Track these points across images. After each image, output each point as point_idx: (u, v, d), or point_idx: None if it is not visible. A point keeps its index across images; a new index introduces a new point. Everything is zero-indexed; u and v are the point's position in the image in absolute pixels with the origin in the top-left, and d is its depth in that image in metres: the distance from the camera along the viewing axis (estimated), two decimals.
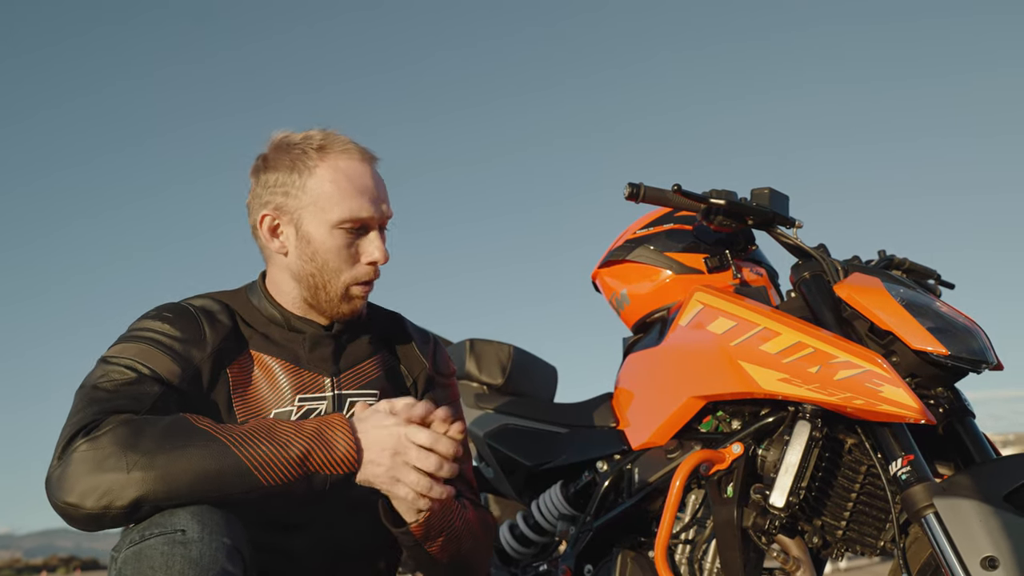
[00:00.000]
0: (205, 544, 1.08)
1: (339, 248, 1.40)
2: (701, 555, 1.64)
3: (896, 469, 1.43)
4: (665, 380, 1.78)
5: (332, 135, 1.45)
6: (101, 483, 1.11)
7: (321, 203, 1.39)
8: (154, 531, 1.09)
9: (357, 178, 1.41)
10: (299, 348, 1.43)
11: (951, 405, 1.57)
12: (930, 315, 1.52)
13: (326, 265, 1.41)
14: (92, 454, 1.12)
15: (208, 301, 1.44)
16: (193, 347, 1.34)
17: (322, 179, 1.40)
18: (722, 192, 1.68)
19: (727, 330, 1.63)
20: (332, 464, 1.19)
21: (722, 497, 1.58)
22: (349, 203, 1.39)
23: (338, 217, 1.39)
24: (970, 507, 1.33)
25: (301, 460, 1.17)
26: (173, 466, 1.12)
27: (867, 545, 1.55)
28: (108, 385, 1.24)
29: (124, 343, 1.33)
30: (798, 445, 1.50)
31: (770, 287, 1.93)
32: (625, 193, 1.67)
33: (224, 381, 1.36)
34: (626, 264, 2.02)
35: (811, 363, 1.49)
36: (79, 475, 1.12)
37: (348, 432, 1.21)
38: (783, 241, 1.75)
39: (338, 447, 1.19)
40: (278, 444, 1.17)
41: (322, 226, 1.40)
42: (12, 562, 30.95)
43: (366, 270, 1.43)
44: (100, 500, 1.10)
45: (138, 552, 1.07)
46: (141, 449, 1.12)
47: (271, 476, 1.16)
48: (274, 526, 1.34)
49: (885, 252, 1.99)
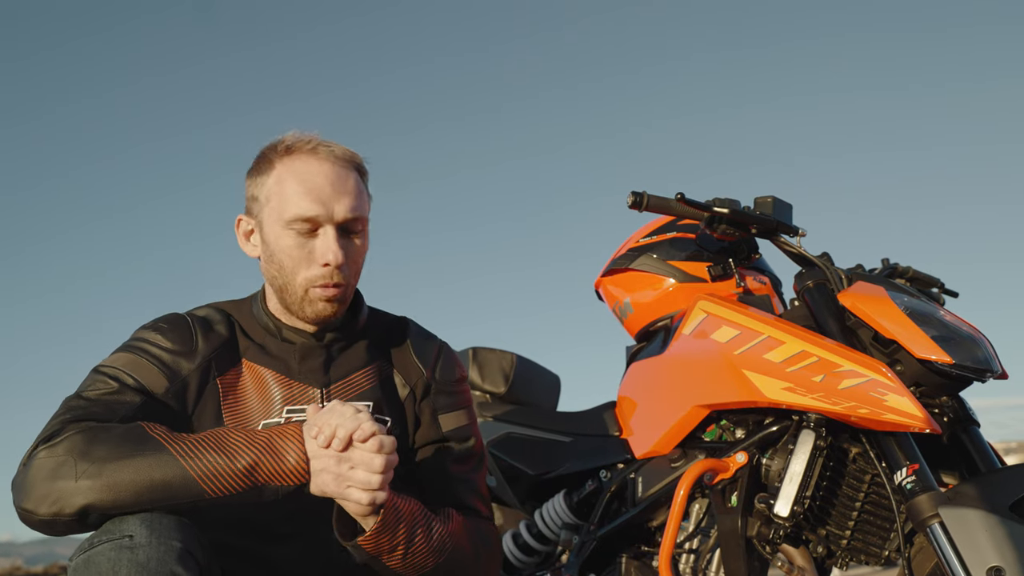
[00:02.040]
0: (153, 548, 1.08)
1: (291, 248, 1.37)
2: (705, 565, 1.63)
3: (901, 478, 1.42)
4: (669, 389, 1.78)
5: (306, 137, 1.42)
6: (52, 490, 1.13)
7: (273, 203, 1.39)
8: (103, 538, 1.10)
9: (311, 177, 1.38)
10: (290, 359, 1.42)
11: (956, 414, 1.57)
12: (934, 324, 1.51)
13: (283, 266, 1.39)
14: (48, 461, 1.15)
15: (210, 311, 1.45)
16: (183, 358, 1.36)
17: (277, 179, 1.39)
18: (725, 201, 1.68)
19: (731, 339, 1.63)
20: (282, 475, 1.18)
21: (726, 506, 1.58)
22: (297, 202, 1.36)
23: (288, 216, 1.37)
24: (976, 517, 1.33)
25: (248, 471, 1.17)
26: (119, 475, 1.13)
27: (871, 555, 1.55)
28: (89, 395, 1.28)
29: (118, 353, 1.36)
30: (802, 454, 1.50)
31: (774, 296, 1.93)
32: (628, 202, 1.67)
33: (213, 391, 1.37)
34: (629, 273, 2.02)
35: (815, 372, 1.49)
36: (34, 482, 1.15)
37: (300, 443, 1.19)
38: (786, 250, 1.74)
39: (288, 458, 1.18)
40: (226, 455, 1.16)
41: (275, 226, 1.38)
42: (13, 569, 30.91)
43: (321, 271, 1.37)
44: (51, 507, 1.13)
45: (87, 560, 1.09)
46: (91, 457, 1.14)
47: (216, 487, 1.16)
48: (260, 536, 1.34)
49: (889, 261, 1.99)
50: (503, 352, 2.30)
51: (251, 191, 1.43)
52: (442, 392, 1.52)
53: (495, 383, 2.26)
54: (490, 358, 2.28)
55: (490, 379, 2.26)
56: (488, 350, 2.30)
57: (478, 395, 2.27)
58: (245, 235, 1.45)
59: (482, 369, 2.27)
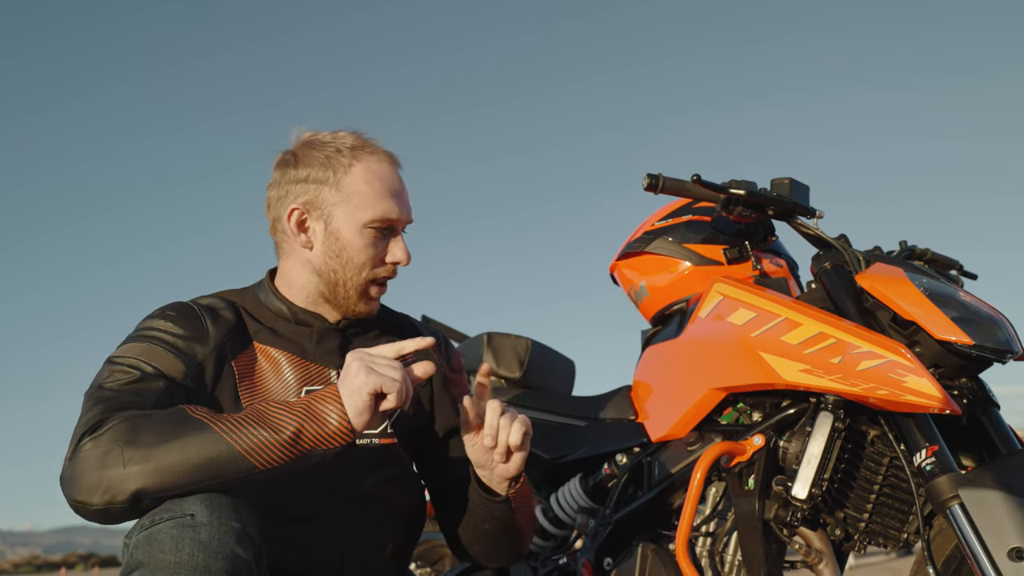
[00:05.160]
0: (214, 528, 1.09)
1: (365, 247, 1.44)
2: (722, 548, 1.63)
3: (920, 460, 1.41)
4: (685, 372, 1.77)
5: (361, 137, 1.48)
6: (103, 480, 1.14)
7: (355, 201, 1.43)
8: (164, 516, 1.11)
9: (389, 180, 1.46)
10: (305, 341, 1.45)
11: (975, 396, 1.55)
12: (954, 305, 1.50)
13: (351, 262, 1.44)
14: (94, 452, 1.16)
15: (213, 299, 1.46)
16: (196, 343, 1.36)
17: (357, 178, 1.44)
18: (741, 182, 1.67)
19: (747, 321, 1.62)
20: (327, 438, 1.19)
21: (743, 489, 1.57)
22: (382, 204, 1.44)
23: (370, 217, 1.43)
24: (996, 498, 1.32)
25: (294, 440, 1.17)
26: (167, 457, 1.14)
27: (890, 538, 1.54)
28: (113, 385, 1.28)
29: (129, 343, 1.36)
30: (820, 436, 1.49)
31: (790, 278, 1.91)
32: (644, 184, 1.66)
33: (229, 374, 1.38)
34: (645, 256, 2.01)
35: (833, 353, 1.48)
36: (84, 473, 1.15)
37: (339, 403, 1.20)
38: (803, 231, 1.73)
39: (331, 420, 1.19)
40: (270, 427, 1.17)
41: (352, 224, 1.43)
42: (32, 559, 31.24)
43: (387, 269, 1.47)
44: (104, 496, 1.14)
45: (148, 536, 1.10)
46: (137, 443, 1.15)
47: (265, 459, 1.16)
48: (284, 518, 1.36)
49: (907, 243, 1.97)
50: (518, 337, 2.30)
51: (312, 183, 1.45)
52: (454, 383, 1.59)
53: (510, 368, 2.26)
54: (505, 343, 2.28)
55: (505, 364, 2.26)
56: (503, 335, 2.30)
57: (493, 380, 2.27)
58: (298, 225, 1.46)
59: (497, 354, 2.27)
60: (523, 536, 1.52)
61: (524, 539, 1.54)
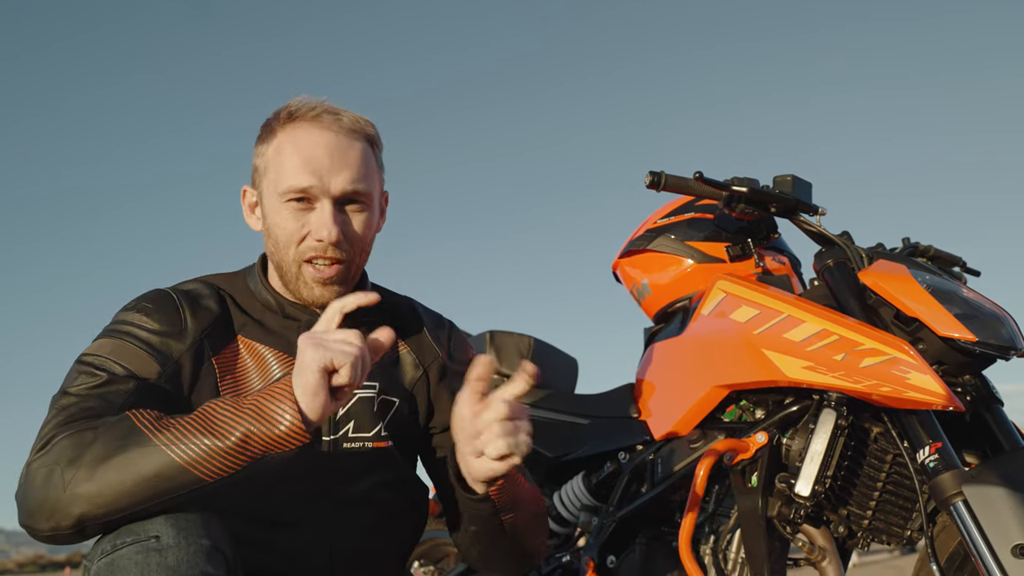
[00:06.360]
0: (182, 549, 1.02)
1: (284, 222, 1.30)
2: (725, 545, 1.62)
3: (924, 457, 1.41)
4: (688, 369, 1.77)
5: (312, 103, 1.33)
6: (45, 503, 1.05)
7: (271, 174, 1.31)
8: (127, 539, 1.03)
9: (308, 147, 1.29)
10: (294, 336, 1.29)
11: (978, 393, 1.55)
12: (957, 301, 1.49)
13: (277, 241, 1.31)
14: (40, 472, 1.06)
15: (198, 285, 1.36)
16: (172, 339, 1.26)
17: (276, 149, 1.31)
18: (744, 180, 1.67)
19: (750, 318, 1.62)
20: (278, 440, 1.06)
21: (746, 487, 1.57)
22: (293, 174, 1.28)
23: (282, 188, 1.29)
24: (1000, 495, 1.31)
25: (241, 447, 1.05)
26: (109, 477, 1.04)
27: (893, 535, 1.54)
28: (78, 390, 1.18)
29: (101, 339, 1.26)
30: (823, 433, 1.48)
31: (793, 275, 1.91)
32: (646, 181, 1.66)
33: (210, 372, 1.28)
34: (647, 254, 2.01)
35: (836, 351, 1.47)
36: (29, 495, 1.07)
37: (292, 401, 1.06)
38: (806, 229, 1.73)
39: (282, 422, 1.05)
40: (215, 434, 1.05)
41: (272, 198, 1.31)
42: (36, 558, 31.26)
43: (313, 247, 1.29)
44: (48, 521, 1.05)
45: (111, 563, 1.02)
46: (79, 463, 1.05)
47: (211, 470, 1.05)
48: (262, 523, 1.28)
49: (909, 240, 1.97)
50: (520, 335, 2.29)
51: (254, 160, 1.36)
52: (458, 374, 1.46)
53: (512, 366, 2.25)
54: (507, 341, 2.28)
55: (507, 362, 2.25)
56: (505, 333, 2.29)
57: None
58: (250, 207, 1.39)
59: (499, 352, 2.26)
60: (522, 542, 1.37)
61: (525, 546, 1.39)
